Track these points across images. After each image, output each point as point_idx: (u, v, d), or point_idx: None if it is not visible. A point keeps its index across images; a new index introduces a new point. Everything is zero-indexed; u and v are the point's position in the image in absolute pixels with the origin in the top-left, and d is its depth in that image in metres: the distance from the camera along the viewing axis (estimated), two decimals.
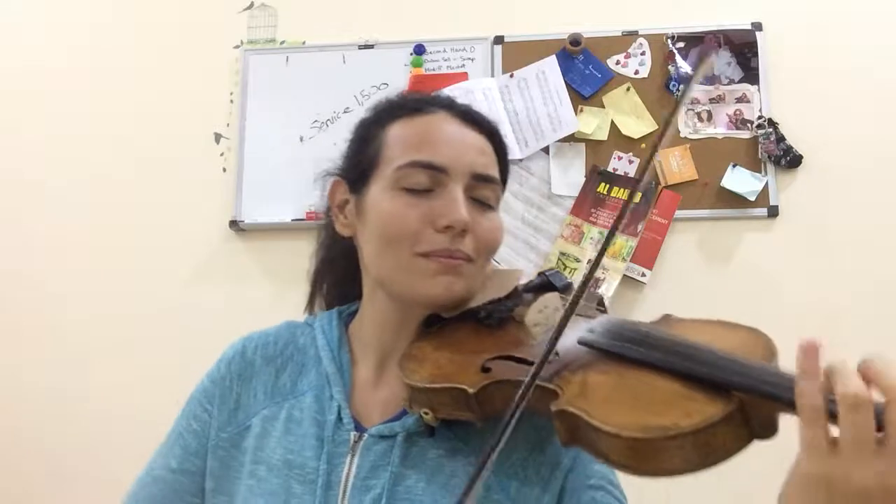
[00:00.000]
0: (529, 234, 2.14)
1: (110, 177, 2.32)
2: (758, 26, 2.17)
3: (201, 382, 0.89)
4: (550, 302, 0.81)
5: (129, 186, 2.31)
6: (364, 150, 0.85)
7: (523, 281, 0.86)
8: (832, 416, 0.51)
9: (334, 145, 0.90)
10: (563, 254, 2.10)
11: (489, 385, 0.69)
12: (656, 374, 0.61)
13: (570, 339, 0.69)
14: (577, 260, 2.09)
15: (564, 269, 2.09)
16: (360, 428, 0.79)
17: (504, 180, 0.88)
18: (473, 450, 0.77)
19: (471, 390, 0.69)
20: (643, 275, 2.07)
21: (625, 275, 2.06)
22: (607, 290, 2.04)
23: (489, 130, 0.86)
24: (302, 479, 0.77)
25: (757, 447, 0.57)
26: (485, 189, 0.82)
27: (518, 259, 2.12)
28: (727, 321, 0.68)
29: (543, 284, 0.85)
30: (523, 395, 0.61)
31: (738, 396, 0.56)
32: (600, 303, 0.83)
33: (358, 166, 0.85)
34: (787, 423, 0.56)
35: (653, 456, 0.55)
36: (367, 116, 0.89)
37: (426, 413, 0.73)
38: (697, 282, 2.08)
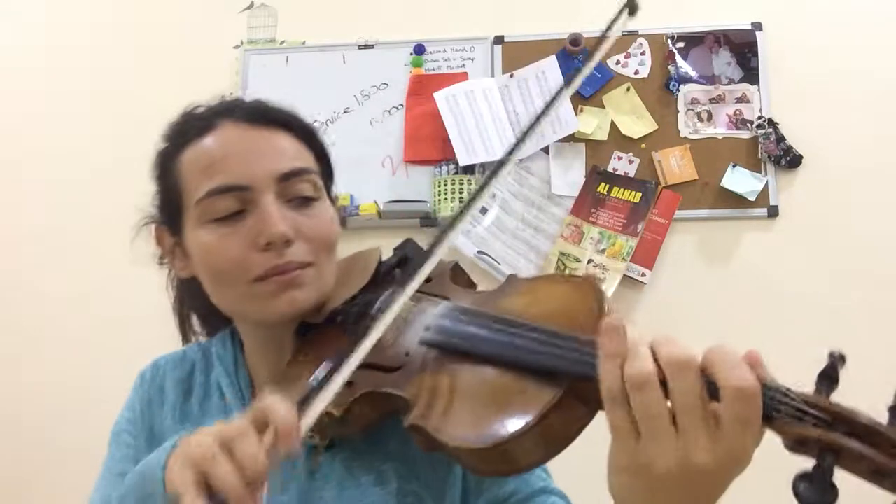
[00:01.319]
0: (529, 234, 2.14)
1: (110, 177, 2.32)
2: (758, 26, 2.17)
3: (120, 415, 0.87)
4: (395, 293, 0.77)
5: (129, 186, 2.30)
6: (166, 188, 0.80)
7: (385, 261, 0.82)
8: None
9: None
10: (563, 254, 2.10)
11: (353, 403, 0.65)
12: (491, 367, 0.60)
13: (414, 338, 0.67)
14: (578, 260, 2.09)
15: (564, 269, 2.09)
16: None
17: (324, 160, 0.83)
18: (378, 447, 0.75)
19: (337, 413, 0.65)
20: (643, 275, 2.07)
21: (625, 275, 2.06)
22: (607, 290, 2.04)
23: (283, 122, 0.79)
24: None
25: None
26: (298, 184, 0.76)
27: (518, 259, 2.12)
28: (559, 276, 0.68)
29: (401, 260, 0.81)
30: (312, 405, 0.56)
31: (565, 379, 0.55)
32: (455, 270, 0.79)
33: (167, 207, 0.80)
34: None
35: (501, 459, 0.56)
36: (162, 148, 0.83)
37: (311, 437, 0.70)
38: (697, 282, 2.08)
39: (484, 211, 2.15)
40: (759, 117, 2.11)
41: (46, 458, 2.17)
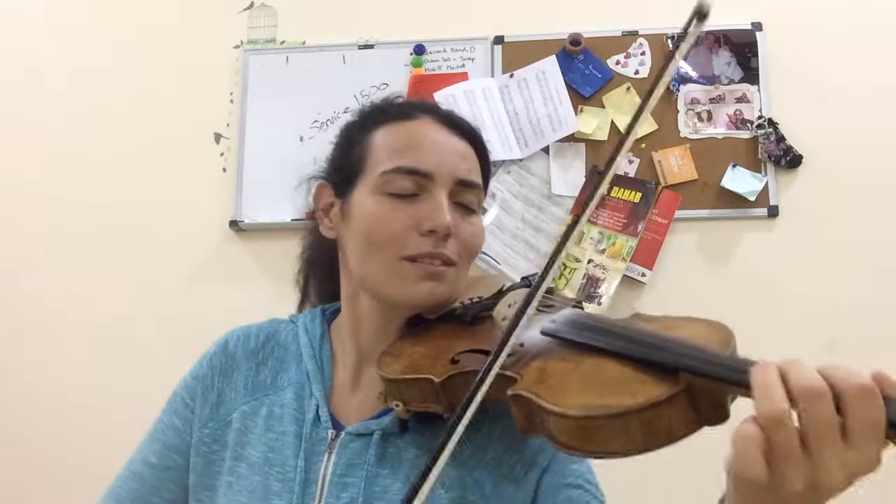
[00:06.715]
0: (529, 234, 2.14)
1: (110, 177, 2.32)
2: (758, 26, 2.17)
3: (183, 379, 0.90)
4: (519, 297, 0.82)
5: (129, 186, 2.31)
6: (348, 154, 0.86)
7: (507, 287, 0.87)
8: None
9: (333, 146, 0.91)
10: None
11: (455, 375, 0.70)
12: (611, 359, 0.61)
13: (534, 331, 0.70)
14: (578, 260, 2.09)
15: (564, 269, 2.09)
16: (337, 426, 0.80)
17: (486, 183, 0.90)
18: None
19: (436, 380, 0.70)
20: (643, 275, 2.07)
21: (625, 275, 2.06)
22: (607, 290, 2.04)
23: (471, 135, 0.87)
24: (281, 476, 0.78)
25: None
26: (468, 194, 0.83)
27: (518, 259, 2.12)
28: (691, 316, 0.68)
29: (524, 288, 0.85)
30: (480, 380, 0.62)
31: (685, 379, 0.56)
32: (577, 304, 0.83)
33: (343, 170, 0.86)
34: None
35: (597, 435, 0.56)
36: (351, 121, 0.90)
37: (397, 405, 0.74)
38: (697, 282, 2.08)
39: (483, 211, 2.15)
40: (759, 117, 2.11)
41: (45, 459, 2.17)
